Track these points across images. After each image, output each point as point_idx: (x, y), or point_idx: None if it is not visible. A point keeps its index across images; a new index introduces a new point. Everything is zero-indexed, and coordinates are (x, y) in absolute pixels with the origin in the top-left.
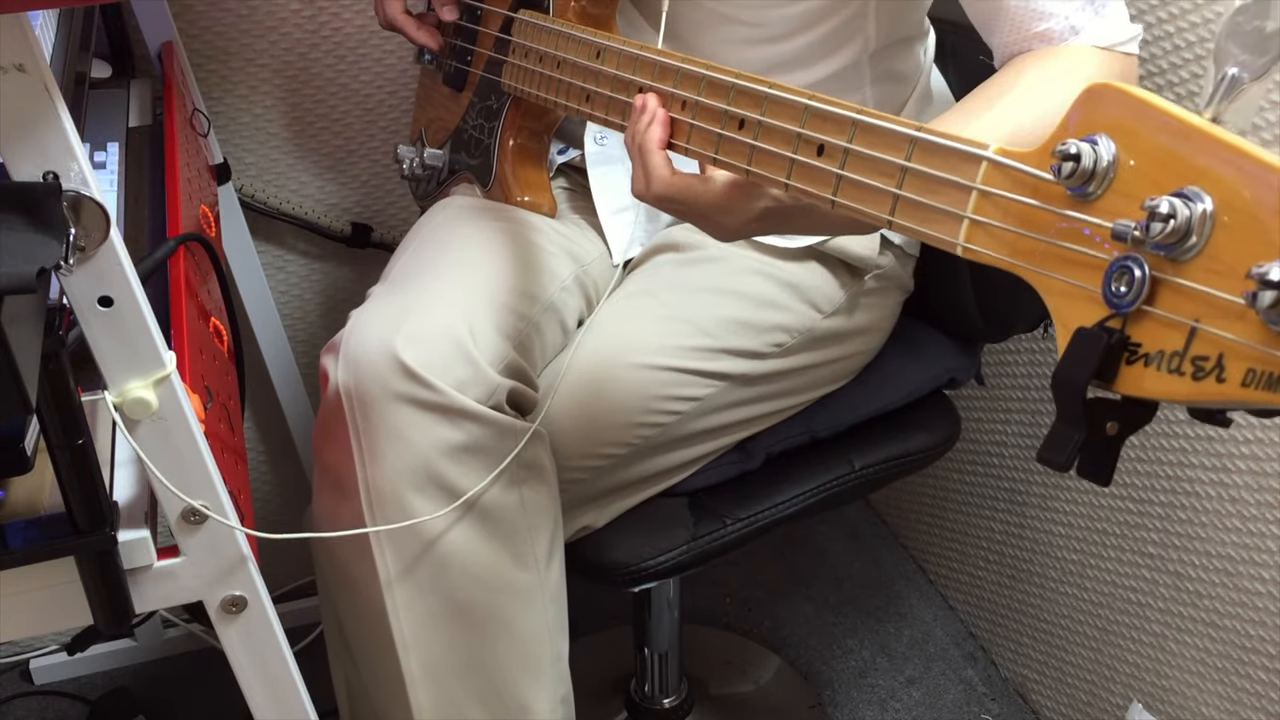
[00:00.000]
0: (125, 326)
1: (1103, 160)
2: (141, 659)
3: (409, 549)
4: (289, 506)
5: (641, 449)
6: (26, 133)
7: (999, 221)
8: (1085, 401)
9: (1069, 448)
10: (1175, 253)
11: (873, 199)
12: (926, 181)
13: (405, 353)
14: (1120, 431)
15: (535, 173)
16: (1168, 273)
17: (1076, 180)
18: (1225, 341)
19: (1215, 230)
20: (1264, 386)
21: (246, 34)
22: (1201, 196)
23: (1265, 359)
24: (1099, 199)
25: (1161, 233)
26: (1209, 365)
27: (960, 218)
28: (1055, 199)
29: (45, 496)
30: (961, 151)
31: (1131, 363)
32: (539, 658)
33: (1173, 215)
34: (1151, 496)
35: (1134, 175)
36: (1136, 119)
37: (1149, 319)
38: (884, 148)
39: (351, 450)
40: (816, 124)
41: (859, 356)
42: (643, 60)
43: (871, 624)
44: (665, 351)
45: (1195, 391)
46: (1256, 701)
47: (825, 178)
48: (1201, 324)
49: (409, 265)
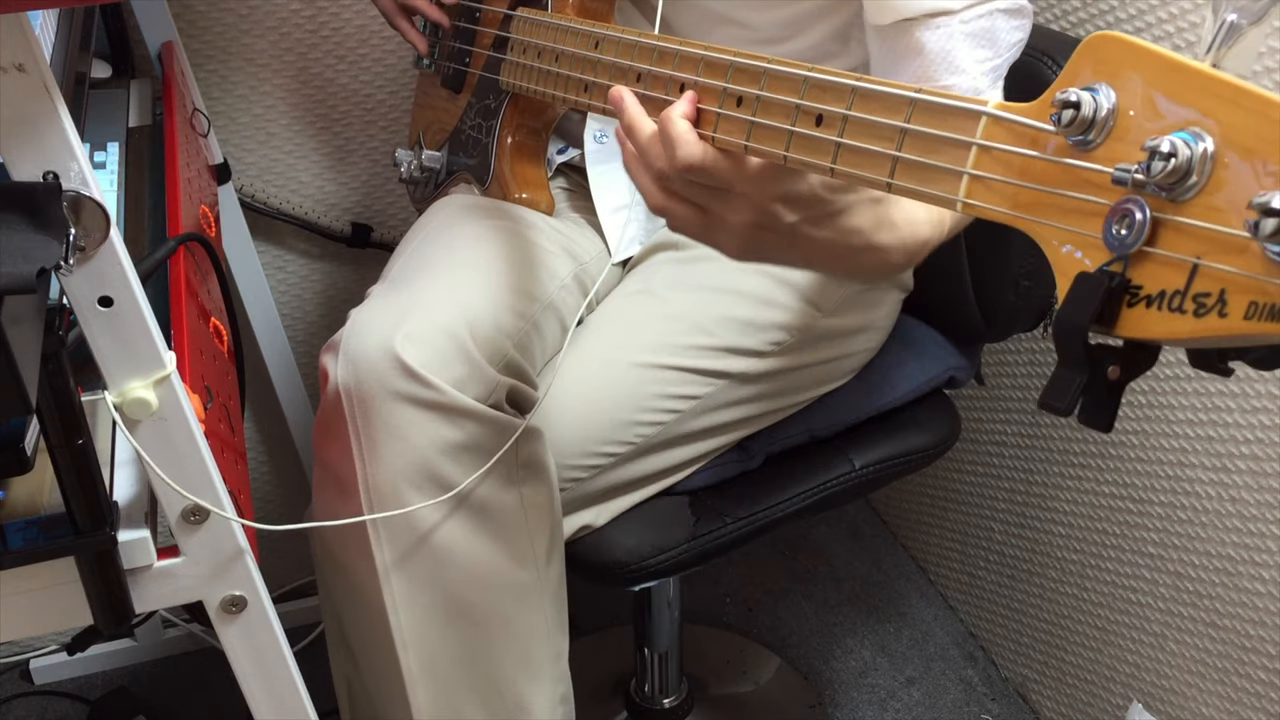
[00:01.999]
0: (125, 326)
1: (1103, 108)
2: (141, 659)
3: (408, 547)
4: (289, 506)
5: (641, 447)
6: (26, 133)
7: (999, 175)
8: (1087, 345)
9: (1070, 392)
10: (1176, 193)
11: (871, 163)
12: (926, 141)
13: (404, 351)
14: (1122, 376)
15: (533, 170)
16: (1169, 213)
17: (1076, 129)
18: (1227, 275)
19: (1216, 168)
20: (1266, 318)
21: (246, 34)
22: (1203, 135)
23: (1266, 289)
24: (1099, 147)
25: (1162, 172)
26: (1211, 301)
27: (960, 174)
28: (1057, 149)
29: (45, 496)
30: (961, 109)
31: (1133, 305)
32: (538, 656)
33: (1174, 154)
34: (1151, 496)
35: (1134, 122)
36: (1135, 66)
37: (1150, 260)
38: (883, 112)
39: (351, 449)
40: (815, 94)
41: (858, 355)
42: (641, 46)
43: (871, 624)
44: (664, 350)
45: (1198, 329)
46: (1256, 701)
47: (824, 147)
48: (1203, 260)
49: (408, 264)
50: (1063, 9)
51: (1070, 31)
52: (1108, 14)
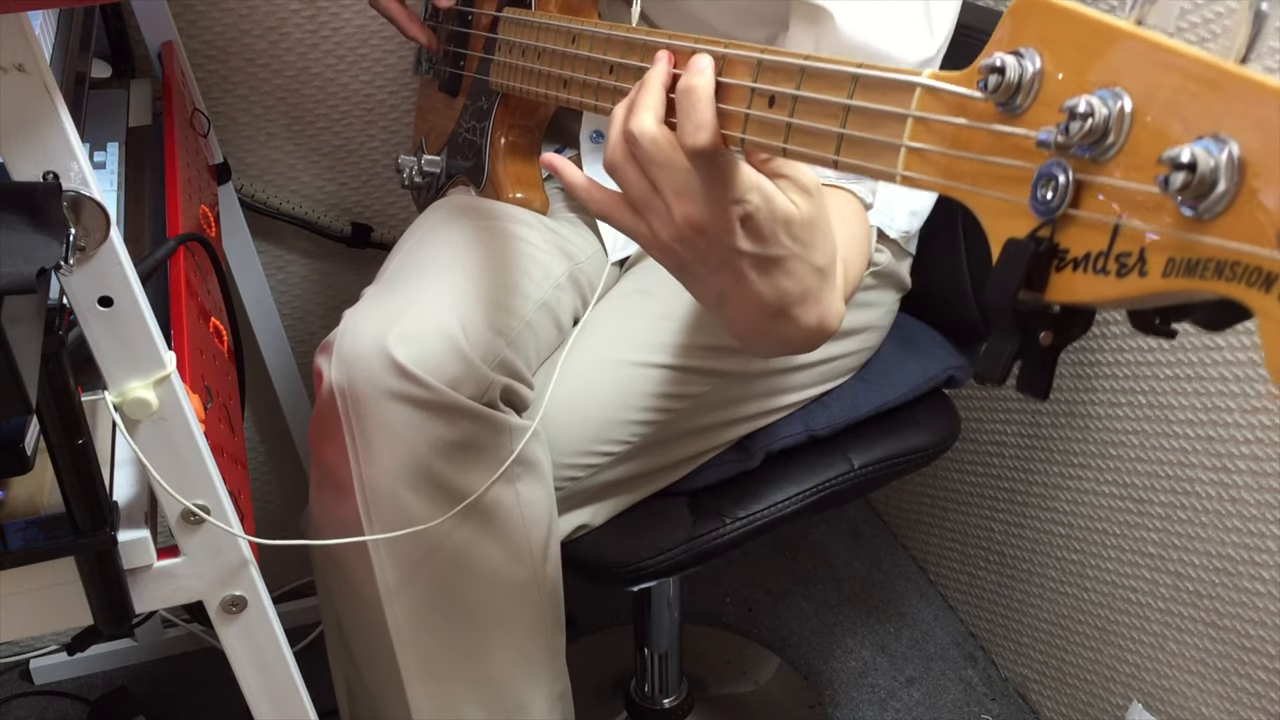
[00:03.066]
0: (125, 326)
1: (1028, 72)
2: (141, 659)
3: (405, 547)
4: (289, 506)
5: (638, 446)
6: (26, 133)
7: (934, 145)
8: (1017, 312)
9: (1003, 360)
10: (1096, 153)
11: (819, 142)
12: (868, 116)
13: (398, 350)
14: (1055, 341)
15: (527, 169)
16: (1091, 173)
17: (1002, 94)
18: (1144, 234)
19: (1134, 127)
20: (1183, 274)
21: (246, 34)
22: (1120, 94)
23: (1182, 245)
24: (1026, 111)
25: (1080, 131)
26: (1131, 261)
27: (898, 147)
28: (985, 116)
29: (45, 496)
30: (897, 81)
31: (1060, 269)
32: (536, 654)
33: (1090, 114)
34: (1151, 496)
35: (1059, 86)
36: (1060, 27)
37: (1075, 223)
38: (829, 89)
39: (346, 449)
40: (769, 76)
41: (857, 355)
42: (613, 39)
43: (871, 624)
44: (661, 349)
45: (1121, 290)
46: (1256, 701)
47: (777, 128)
48: (1123, 220)
49: (402, 265)
50: None
51: None
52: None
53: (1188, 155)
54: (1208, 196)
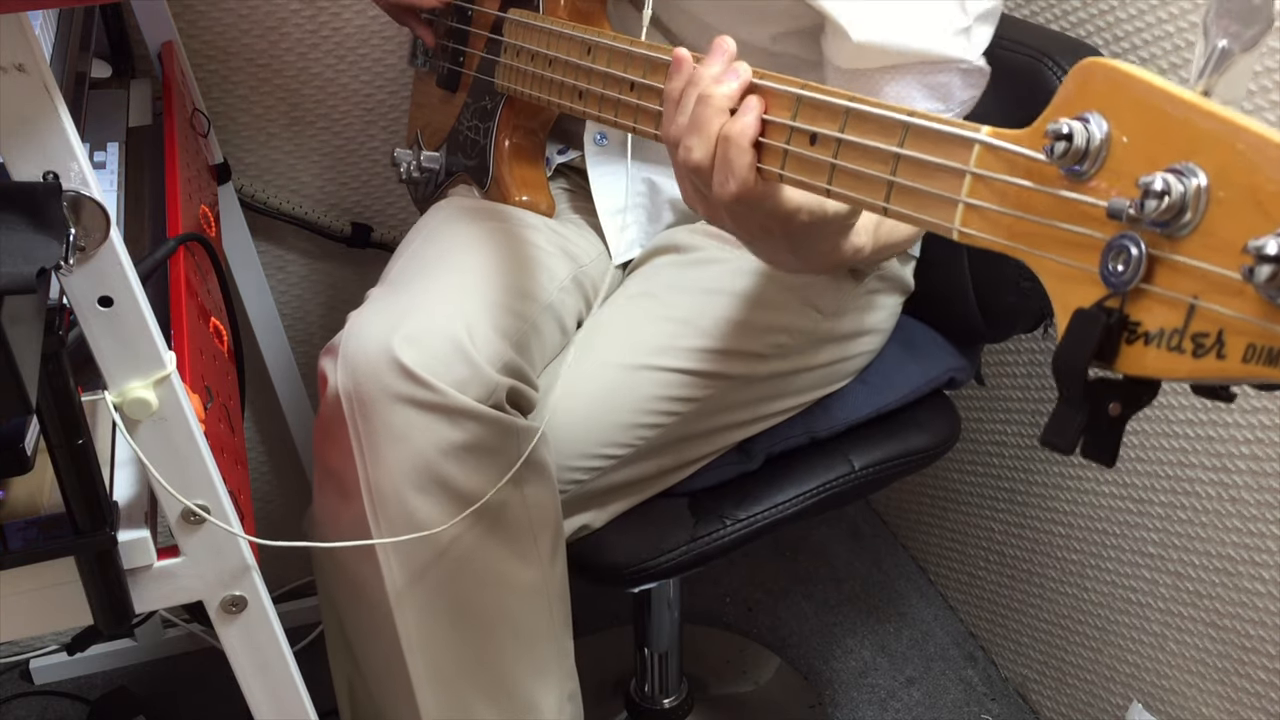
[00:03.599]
0: (125, 326)
1: (1095, 138)
2: (141, 659)
3: (413, 550)
4: (289, 506)
5: (642, 450)
6: (26, 133)
7: (994, 204)
8: (1086, 383)
9: (1072, 430)
10: (1171, 229)
11: (867, 187)
12: (921, 167)
13: (403, 353)
14: (1123, 412)
15: (532, 172)
16: (1164, 250)
17: (1069, 159)
18: (1224, 317)
19: (1210, 205)
20: (1265, 361)
21: (246, 34)
22: (1195, 171)
23: (1265, 334)
24: (1093, 177)
25: (1156, 210)
26: (1209, 342)
27: (955, 202)
28: (1049, 179)
29: (45, 496)
30: (955, 135)
31: (1131, 342)
32: (545, 655)
33: (1167, 192)
34: (1151, 496)
35: (1127, 152)
36: (1127, 94)
37: (1148, 297)
38: (877, 135)
39: (352, 452)
40: (809, 114)
41: (859, 357)
42: (634, 56)
43: (871, 624)
44: (665, 353)
45: (1197, 369)
46: (1256, 701)
47: (820, 167)
48: (1200, 300)
49: (406, 267)
50: (1063, 9)
51: (1070, 31)
52: (1107, 14)
53: (1274, 247)
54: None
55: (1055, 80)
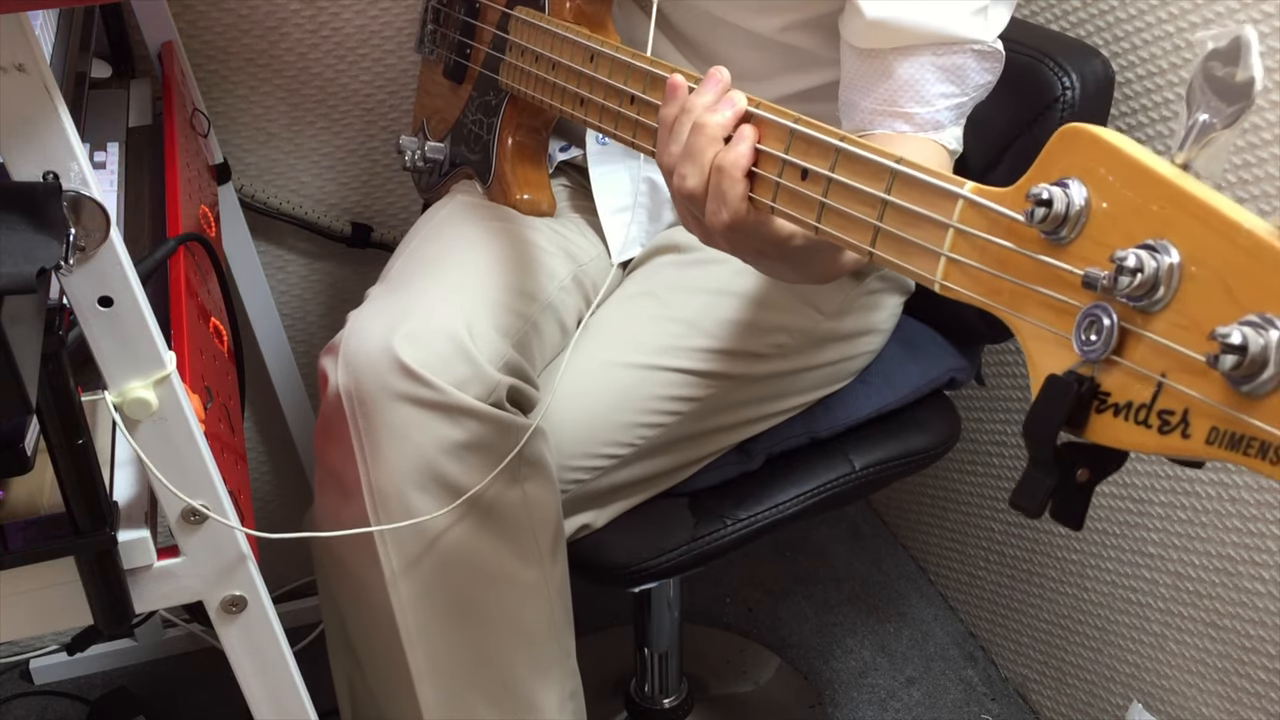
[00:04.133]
0: (125, 326)
1: (1074, 204)
2: (141, 659)
3: (414, 548)
4: (289, 506)
5: (642, 449)
6: (26, 133)
7: (975, 261)
8: (1055, 448)
9: (1040, 494)
10: (1144, 304)
11: (855, 229)
12: (906, 215)
13: (404, 352)
14: (1090, 478)
15: (534, 171)
16: (1136, 324)
17: (1049, 225)
18: (1190, 399)
19: (1183, 282)
20: (1227, 446)
21: (246, 34)
22: (1169, 249)
23: (1228, 419)
24: (1072, 243)
25: (1129, 286)
26: (1174, 420)
27: (938, 255)
28: (1029, 242)
29: (45, 496)
30: (939, 188)
31: (1101, 411)
32: (546, 653)
33: (1140, 269)
34: (1151, 496)
35: (1106, 219)
36: (1107, 164)
37: (1118, 369)
38: (865, 178)
39: (353, 451)
40: (801, 148)
41: (860, 357)
42: (634, 70)
43: (871, 624)
44: (666, 352)
45: (1162, 445)
46: (1256, 701)
47: (809, 203)
48: (1168, 379)
49: (407, 266)
50: (1063, 9)
51: (1070, 31)
52: (1107, 14)
53: (1238, 337)
54: (1257, 378)
55: (1055, 80)
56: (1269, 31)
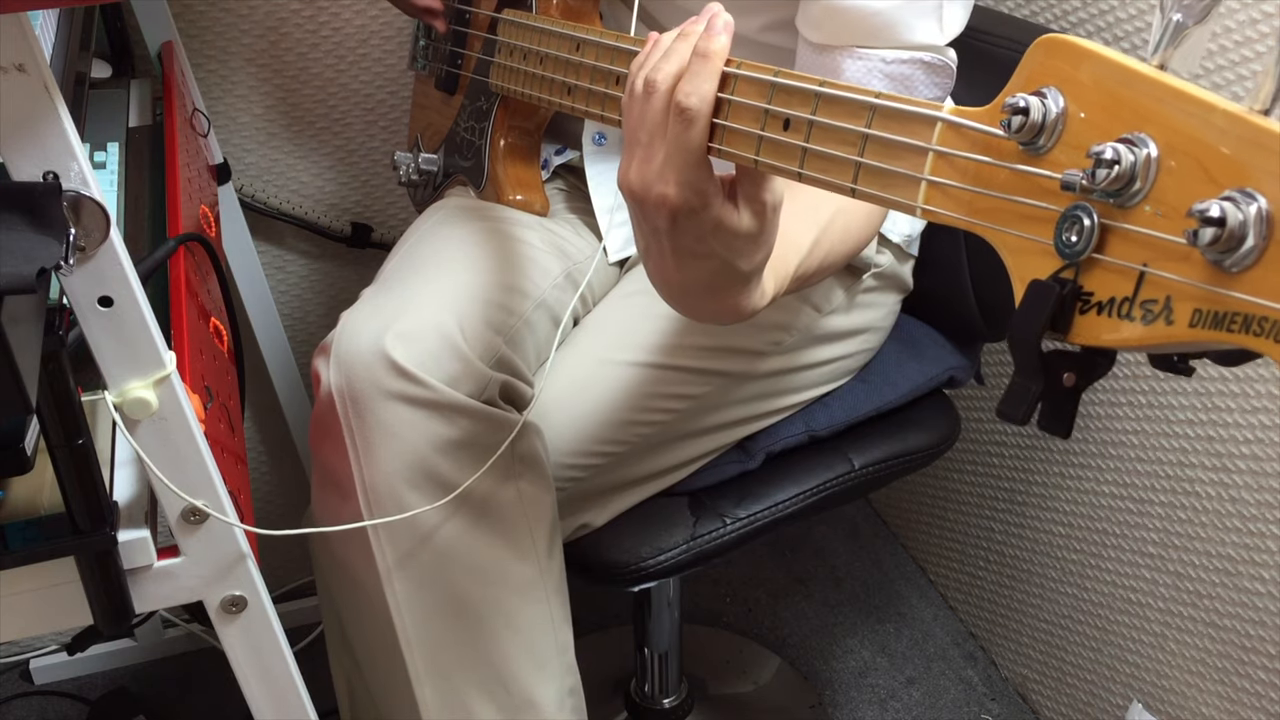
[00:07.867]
0: (125, 326)
1: (1051, 112)
2: (141, 659)
3: (408, 545)
4: (289, 506)
5: (639, 447)
6: (26, 133)
7: (955, 181)
8: (1040, 354)
9: (1027, 400)
10: (1122, 199)
11: (836, 169)
12: (886, 147)
13: (395, 350)
14: (1077, 382)
15: (527, 171)
16: (1116, 219)
17: (1026, 134)
18: (1171, 283)
19: (1160, 174)
20: (1210, 325)
21: (246, 34)
22: (1146, 141)
23: (1210, 297)
24: (1050, 152)
25: (1107, 179)
26: (1157, 308)
27: (918, 180)
28: (1007, 154)
29: (45, 496)
30: (918, 114)
31: (1085, 312)
32: (544, 650)
33: (1117, 161)
34: (1151, 496)
35: (1083, 126)
36: (1083, 69)
37: (1100, 267)
38: (846, 117)
39: (347, 450)
40: (783, 99)
41: (858, 356)
42: (619, 51)
43: (871, 624)
44: (662, 349)
45: (1145, 335)
46: (1256, 701)
47: (792, 152)
48: (1149, 268)
49: (399, 266)
50: (1063, 9)
51: (1070, 32)
52: (1108, 14)
53: (1217, 210)
54: (1236, 251)
55: None
56: (1269, 31)
